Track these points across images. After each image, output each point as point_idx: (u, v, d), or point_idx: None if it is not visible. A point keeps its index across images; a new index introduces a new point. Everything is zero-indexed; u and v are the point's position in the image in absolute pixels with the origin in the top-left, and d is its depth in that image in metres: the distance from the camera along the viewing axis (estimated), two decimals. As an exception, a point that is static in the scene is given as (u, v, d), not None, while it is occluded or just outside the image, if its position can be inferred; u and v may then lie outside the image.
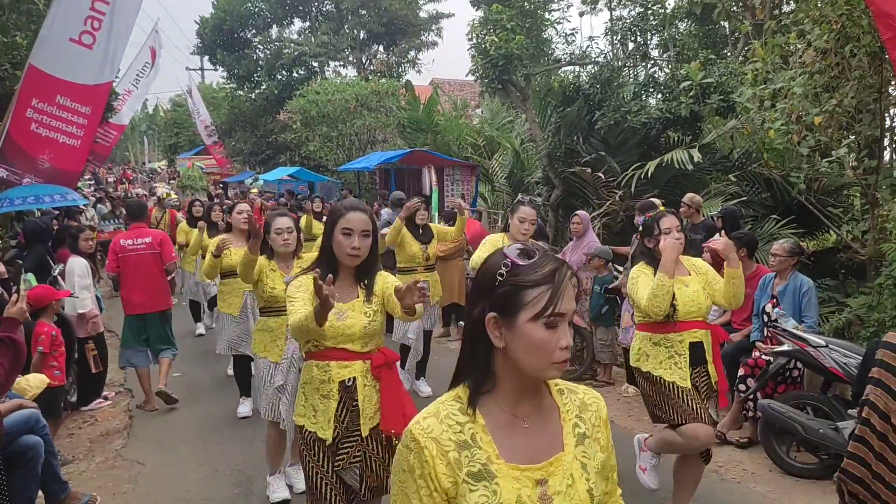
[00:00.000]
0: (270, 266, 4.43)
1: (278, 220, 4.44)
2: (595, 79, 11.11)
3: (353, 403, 2.89)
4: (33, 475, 3.82)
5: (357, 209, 2.87)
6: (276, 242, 4.40)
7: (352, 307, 2.90)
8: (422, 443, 1.45)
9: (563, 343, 1.47)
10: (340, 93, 19.32)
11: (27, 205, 9.06)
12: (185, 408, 6.44)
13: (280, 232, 4.38)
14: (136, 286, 6.45)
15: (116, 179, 30.80)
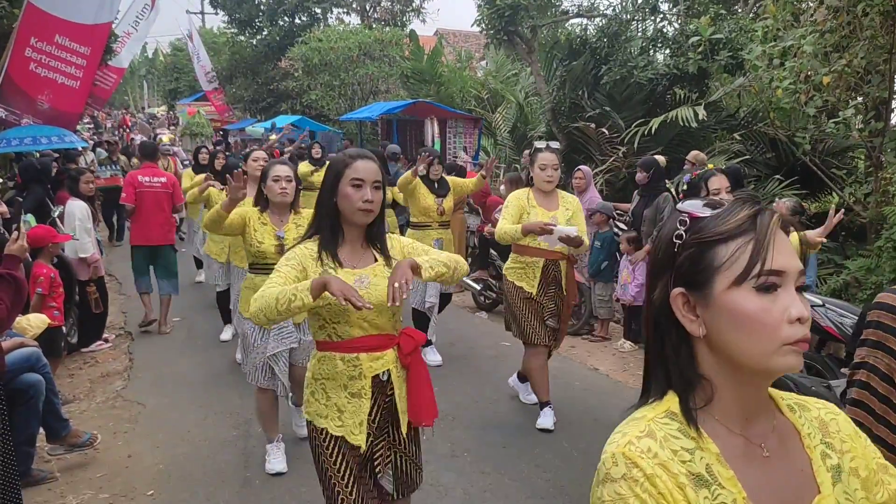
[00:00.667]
0: (261, 219, 4.04)
1: (277, 167, 4.06)
2: (602, 32, 10.93)
3: (385, 400, 2.49)
4: (34, 412, 3.87)
5: (366, 157, 2.44)
6: (272, 191, 4.00)
7: (373, 272, 2.45)
8: (647, 470, 1.01)
9: (794, 313, 1.02)
10: (343, 41, 19.03)
11: (24, 146, 9.01)
12: (184, 353, 6.50)
13: (278, 180, 3.98)
14: (150, 221, 7.03)
15: (116, 124, 30.56)
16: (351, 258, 2.45)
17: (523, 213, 4.54)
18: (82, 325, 6.59)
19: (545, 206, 4.58)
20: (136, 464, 4.27)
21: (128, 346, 6.79)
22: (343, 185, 2.38)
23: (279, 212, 4.11)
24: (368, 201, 2.36)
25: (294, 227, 4.05)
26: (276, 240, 4.01)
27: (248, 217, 4.02)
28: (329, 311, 2.37)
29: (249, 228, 4.02)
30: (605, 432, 3.88)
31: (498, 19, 11.11)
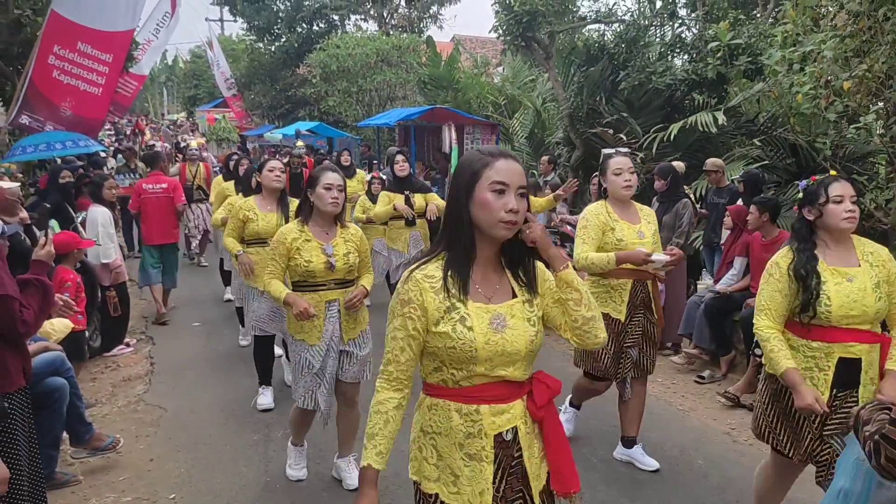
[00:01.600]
0: (304, 234, 3.72)
1: (328, 174, 3.68)
2: (620, 38, 10.90)
3: (512, 463, 1.98)
4: (59, 415, 3.91)
5: (507, 156, 1.95)
6: (322, 200, 3.65)
7: (510, 311, 1.97)
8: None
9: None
10: (361, 47, 19.13)
11: (39, 153, 9.10)
12: (205, 358, 6.55)
13: (329, 188, 3.64)
14: (154, 223, 7.93)
15: (130, 130, 30.81)
16: (484, 287, 1.98)
17: (605, 230, 3.95)
18: (104, 330, 6.66)
19: (628, 220, 4.03)
20: (158, 467, 4.30)
21: (149, 350, 6.85)
22: (480, 191, 1.90)
23: (324, 224, 3.77)
24: (513, 211, 1.88)
25: (342, 242, 3.79)
26: (325, 256, 3.72)
27: (286, 240, 3.69)
28: (452, 354, 1.91)
29: (292, 251, 3.69)
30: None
31: (515, 25, 11.11)
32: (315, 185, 3.69)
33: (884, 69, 6.43)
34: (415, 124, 13.61)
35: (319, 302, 3.74)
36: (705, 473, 4.21)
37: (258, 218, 5.04)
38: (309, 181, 3.77)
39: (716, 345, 6.03)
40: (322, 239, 3.74)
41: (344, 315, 3.81)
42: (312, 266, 3.69)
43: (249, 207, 5.05)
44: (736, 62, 9.31)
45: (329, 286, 3.76)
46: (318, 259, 3.70)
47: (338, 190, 3.68)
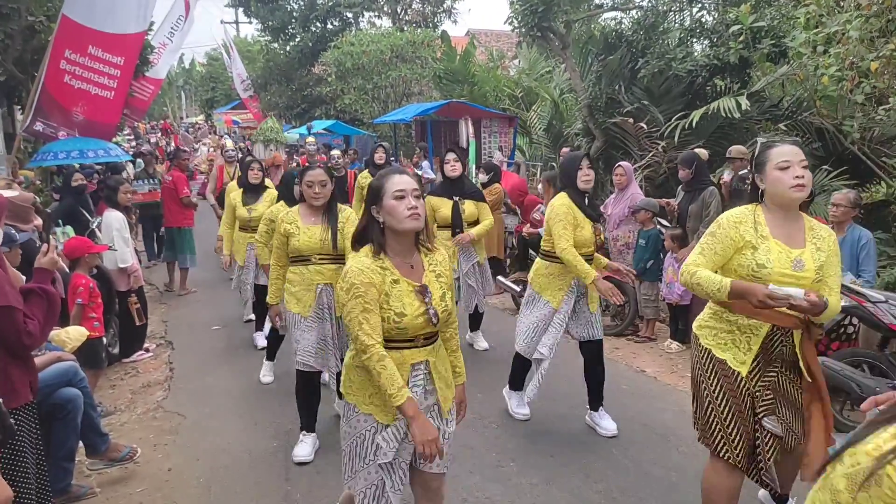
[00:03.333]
0: (381, 268, 2.61)
1: (395, 177, 2.64)
2: (638, 25, 10.68)
3: None
4: (73, 427, 3.82)
5: None
6: (397, 214, 2.59)
7: None
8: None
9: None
10: (375, 44, 19.02)
11: (71, 159, 9.08)
12: (224, 362, 6.46)
13: (402, 196, 2.57)
14: (165, 208, 9.46)
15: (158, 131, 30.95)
16: None
17: (744, 248, 2.90)
18: (123, 336, 6.59)
19: (785, 240, 2.88)
20: (176, 477, 4.20)
21: (168, 355, 6.77)
22: None
23: (403, 250, 2.66)
24: None
25: (433, 277, 2.69)
26: (423, 304, 2.60)
27: (374, 280, 2.55)
28: None
29: (381, 296, 2.56)
30: (655, 439, 3.72)
31: (531, 15, 10.92)
32: (381, 197, 2.61)
33: (911, 48, 6.20)
34: (431, 119, 13.48)
35: (402, 365, 2.61)
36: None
37: (300, 231, 4.29)
38: (370, 194, 2.66)
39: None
40: (410, 275, 2.63)
41: (437, 379, 2.72)
42: (406, 321, 2.56)
43: (291, 220, 4.33)
44: (759, 45, 9.07)
45: (417, 342, 2.64)
46: (413, 309, 2.58)
47: (414, 196, 2.59)
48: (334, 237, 4.29)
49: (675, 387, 5.53)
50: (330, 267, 4.32)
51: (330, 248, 4.30)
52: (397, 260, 2.64)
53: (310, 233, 4.30)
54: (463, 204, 5.86)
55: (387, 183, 2.62)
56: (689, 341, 6.52)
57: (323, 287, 4.32)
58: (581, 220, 4.37)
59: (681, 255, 6.43)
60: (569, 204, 4.37)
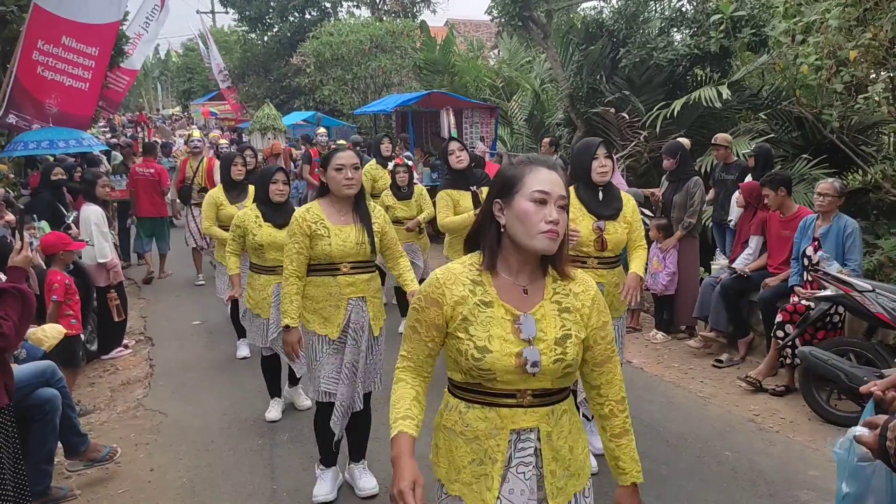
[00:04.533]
0: (483, 292, 1.91)
1: (541, 171, 1.88)
2: (619, 14, 10.64)
3: None
4: (51, 428, 3.72)
5: None
6: (529, 223, 1.81)
7: None
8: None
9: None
10: (355, 34, 18.85)
11: (41, 149, 8.88)
12: (205, 359, 6.36)
13: (545, 199, 1.82)
14: (145, 200, 9.48)
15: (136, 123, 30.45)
16: None
17: None
18: (102, 332, 6.47)
19: None
20: (158, 478, 4.11)
21: (148, 352, 6.65)
22: None
23: (522, 269, 1.93)
24: None
25: (554, 311, 1.92)
26: (518, 341, 1.84)
27: (439, 303, 1.89)
28: None
29: (452, 321, 1.89)
30: (642, 430, 3.65)
31: (512, 4, 10.86)
32: (513, 193, 1.86)
33: (889, 36, 6.22)
34: (412, 110, 13.37)
35: (499, 430, 1.87)
36: (734, 466, 4.01)
37: (330, 233, 3.48)
38: (501, 182, 1.91)
39: (733, 327, 5.84)
40: (515, 301, 1.89)
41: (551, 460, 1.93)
42: (490, 361, 1.82)
43: (316, 218, 3.50)
44: (739, 35, 9.07)
45: (521, 399, 1.87)
46: (501, 345, 1.83)
47: (559, 206, 1.84)
48: (372, 239, 3.55)
49: (662, 378, 5.52)
50: (362, 277, 3.58)
51: (368, 252, 3.55)
52: (505, 280, 1.89)
53: (342, 234, 3.48)
54: (481, 193, 5.34)
55: (528, 175, 1.86)
56: (674, 331, 6.56)
57: (355, 303, 3.57)
58: (578, 216, 3.75)
59: (665, 245, 6.43)
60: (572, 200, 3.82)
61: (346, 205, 3.55)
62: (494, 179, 1.97)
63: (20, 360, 3.95)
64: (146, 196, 9.49)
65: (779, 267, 5.57)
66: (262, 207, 4.72)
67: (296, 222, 3.50)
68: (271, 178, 4.69)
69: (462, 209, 5.31)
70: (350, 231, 3.51)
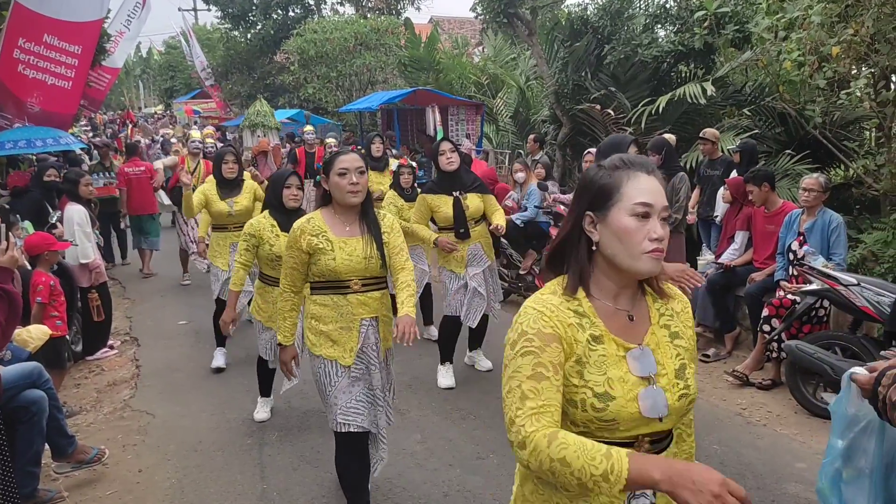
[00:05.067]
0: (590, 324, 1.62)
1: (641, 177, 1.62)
2: (604, 11, 10.67)
3: None
4: (38, 430, 3.68)
5: None
6: (631, 242, 1.53)
7: None
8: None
9: None
10: (339, 31, 18.79)
11: (19, 149, 8.76)
12: (192, 359, 6.31)
13: (646, 214, 1.56)
14: (136, 198, 9.79)
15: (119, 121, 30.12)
16: None
17: None
18: (86, 333, 6.41)
19: None
20: (147, 479, 4.08)
21: (134, 352, 6.60)
22: None
23: (621, 290, 1.66)
24: None
25: (665, 337, 1.66)
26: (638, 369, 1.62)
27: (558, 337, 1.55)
28: None
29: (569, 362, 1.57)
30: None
31: (497, 1, 10.86)
32: (608, 203, 1.58)
33: (870, 32, 6.28)
34: (398, 107, 13.36)
35: None
36: (722, 460, 4.04)
37: (333, 247, 3.14)
38: (591, 190, 1.62)
39: (720, 322, 5.88)
40: (623, 332, 1.61)
41: None
42: (614, 409, 1.53)
43: (317, 230, 3.16)
44: (723, 31, 9.11)
45: (640, 445, 1.60)
46: (625, 388, 1.54)
47: (662, 219, 1.58)
48: (382, 252, 3.22)
49: (650, 373, 5.55)
50: (374, 295, 3.25)
51: (377, 268, 3.21)
52: (605, 305, 1.60)
53: (348, 248, 3.15)
54: (465, 199, 5.09)
55: (627, 184, 1.56)
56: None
57: (369, 323, 3.25)
58: None
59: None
60: None
61: (352, 214, 3.20)
62: (584, 186, 1.62)
63: (5, 362, 3.91)
64: (137, 193, 9.74)
65: (764, 262, 5.61)
66: (277, 216, 4.38)
67: (294, 235, 3.16)
68: (284, 183, 4.36)
69: (442, 215, 5.11)
70: (356, 244, 3.16)
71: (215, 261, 5.87)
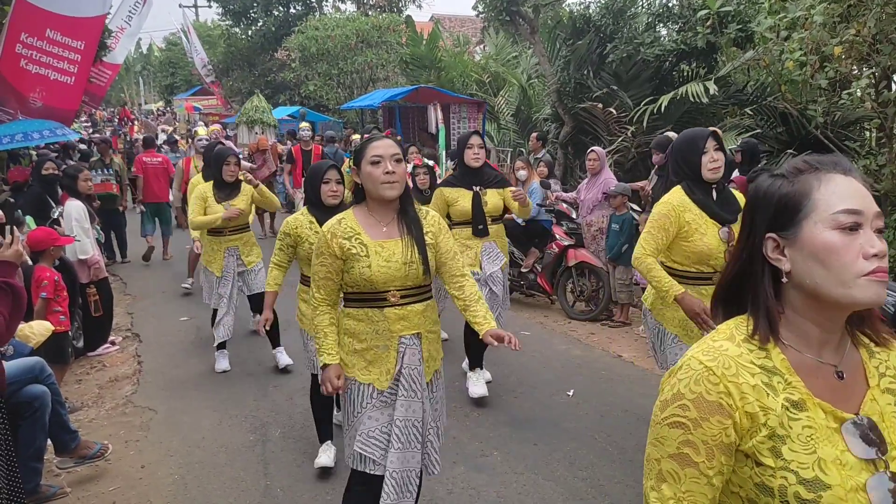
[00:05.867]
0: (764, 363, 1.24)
1: None
2: (606, 9, 10.66)
3: None
4: (41, 425, 3.67)
5: None
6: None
7: None
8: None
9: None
10: (340, 28, 18.77)
11: (16, 143, 8.72)
12: (194, 355, 6.31)
13: None
14: (153, 186, 10.28)
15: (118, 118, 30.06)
16: None
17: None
18: (88, 328, 6.39)
19: None
20: (149, 475, 4.08)
21: (135, 348, 6.59)
22: None
23: (827, 338, 1.25)
24: None
25: (891, 403, 1.26)
26: (864, 450, 1.19)
27: (727, 408, 1.18)
28: None
29: (750, 438, 1.21)
30: (637, 424, 3.69)
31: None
32: (802, 219, 1.23)
33: (872, 32, 6.28)
34: (399, 105, 13.33)
35: None
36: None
37: (369, 252, 2.69)
38: (775, 201, 1.26)
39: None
40: (833, 395, 1.23)
41: None
42: (828, 501, 1.14)
43: (349, 233, 2.71)
44: (725, 30, 9.10)
45: None
46: (842, 473, 1.16)
47: (878, 229, 1.26)
48: (424, 256, 2.74)
49: (653, 371, 5.54)
50: (415, 308, 2.77)
51: (419, 275, 2.74)
52: (805, 358, 1.23)
53: (385, 253, 2.69)
54: (485, 195, 4.82)
55: (819, 189, 1.22)
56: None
57: (409, 341, 2.77)
58: (700, 223, 3.22)
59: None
60: (678, 202, 3.25)
61: (389, 211, 2.75)
62: (757, 203, 1.27)
63: (7, 357, 3.89)
64: (154, 182, 10.31)
65: (768, 261, 5.59)
66: (316, 212, 3.97)
67: (323, 239, 2.72)
68: (322, 178, 3.98)
69: (458, 209, 4.79)
70: (395, 247, 2.70)
71: (210, 265, 5.77)
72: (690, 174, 3.26)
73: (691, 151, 3.27)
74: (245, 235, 5.83)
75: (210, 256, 5.77)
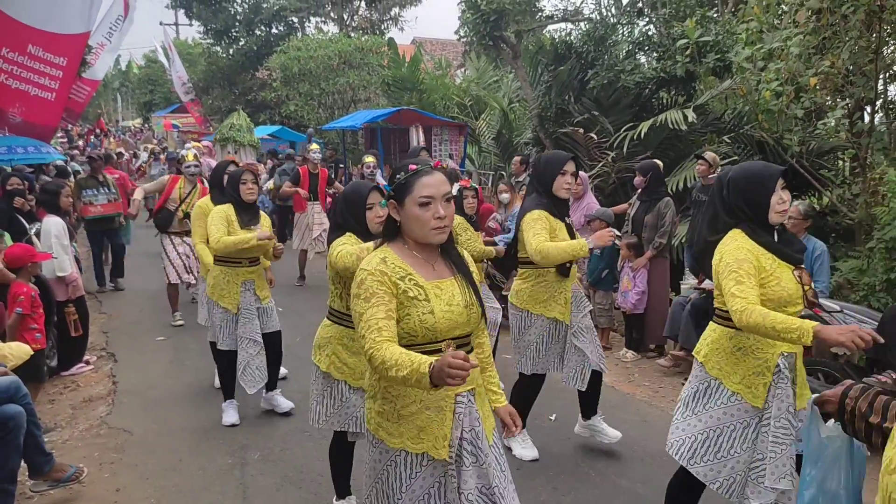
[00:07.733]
0: None
1: None
2: (588, 36, 10.81)
3: None
4: (15, 446, 3.58)
5: None
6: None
7: None
8: None
9: None
10: (323, 49, 18.79)
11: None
12: (170, 374, 6.22)
13: None
14: None
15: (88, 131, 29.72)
16: None
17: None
18: (61, 347, 6.28)
19: None
20: (124, 498, 3.99)
21: (110, 367, 6.48)
22: None
23: None
24: None
25: None
26: None
27: None
28: None
29: None
30: (620, 450, 3.72)
31: (482, 24, 10.96)
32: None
33: (847, 64, 6.44)
34: (381, 126, 13.37)
35: None
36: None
37: (428, 296, 2.27)
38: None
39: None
40: None
41: None
42: None
43: (401, 272, 2.27)
44: (704, 59, 9.27)
45: None
46: None
47: None
48: (479, 297, 2.40)
49: (634, 396, 5.56)
50: None
51: (478, 318, 2.40)
52: None
53: (445, 295, 2.30)
54: (573, 224, 4.34)
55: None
56: (644, 350, 6.61)
57: (466, 400, 2.31)
58: (774, 266, 2.87)
59: (636, 264, 6.49)
60: (750, 247, 2.86)
61: (433, 251, 2.36)
62: None
63: (-18, 376, 3.81)
64: None
65: (747, 287, 5.65)
66: (363, 238, 3.41)
67: (372, 280, 2.22)
68: (366, 203, 3.45)
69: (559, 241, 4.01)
70: (452, 288, 2.32)
71: (220, 300, 4.95)
72: (753, 216, 2.91)
73: (761, 193, 2.88)
74: (260, 269, 5.11)
75: (222, 290, 4.95)
